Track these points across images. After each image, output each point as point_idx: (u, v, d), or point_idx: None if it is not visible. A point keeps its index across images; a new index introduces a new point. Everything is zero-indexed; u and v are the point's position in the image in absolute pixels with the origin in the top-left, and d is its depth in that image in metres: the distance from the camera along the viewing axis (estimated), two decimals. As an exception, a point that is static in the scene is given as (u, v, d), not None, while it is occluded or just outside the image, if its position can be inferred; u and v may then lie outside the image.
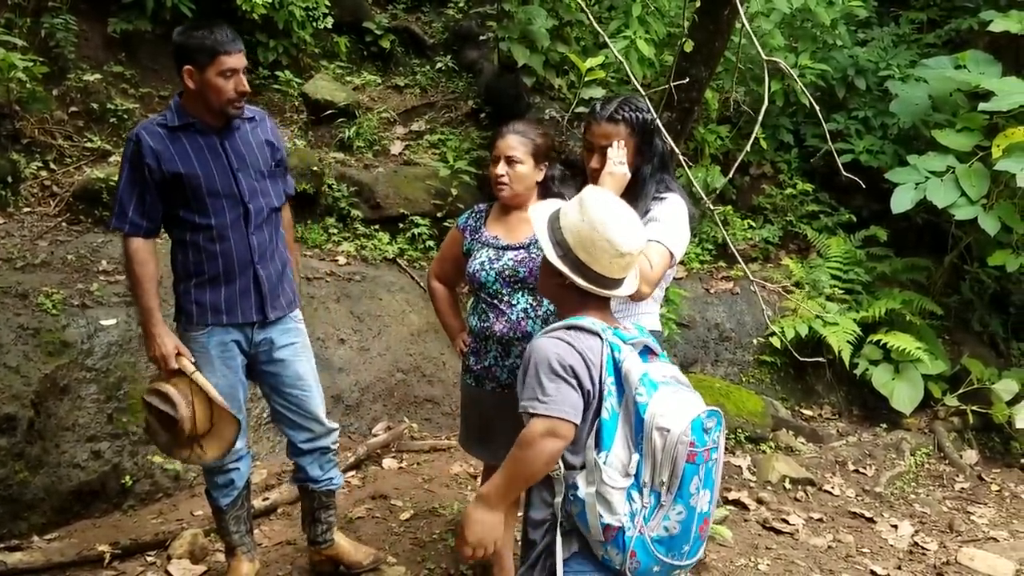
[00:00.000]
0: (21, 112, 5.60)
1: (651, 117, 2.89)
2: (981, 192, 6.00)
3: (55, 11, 5.88)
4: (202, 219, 3.11)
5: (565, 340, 2.15)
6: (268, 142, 3.28)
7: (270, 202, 3.26)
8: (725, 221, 7.02)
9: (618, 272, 2.26)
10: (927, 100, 6.80)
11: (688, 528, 2.10)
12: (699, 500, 2.10)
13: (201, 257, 3.15)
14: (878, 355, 6.31)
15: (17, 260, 4.65)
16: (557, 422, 2.09)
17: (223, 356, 3.23)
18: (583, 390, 2.12)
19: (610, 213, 2.23)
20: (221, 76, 3.00)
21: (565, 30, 6.66)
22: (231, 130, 3.17)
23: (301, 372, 3.38)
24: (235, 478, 3.38)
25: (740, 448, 5.57)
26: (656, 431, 2.05)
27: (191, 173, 3.06)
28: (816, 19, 7.10)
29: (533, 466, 2.14)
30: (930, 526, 5.02)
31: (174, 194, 3.08)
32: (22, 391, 3.83)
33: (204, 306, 3.18)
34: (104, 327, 4.20)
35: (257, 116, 3.30)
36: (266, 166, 3.25)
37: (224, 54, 2.98)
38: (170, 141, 3.06)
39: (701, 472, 2.08)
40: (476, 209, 3.42)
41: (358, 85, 7.43)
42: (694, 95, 5.03)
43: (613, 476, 2.09)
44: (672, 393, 2.11)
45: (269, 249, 3.27)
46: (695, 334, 6.36)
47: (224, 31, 3.00)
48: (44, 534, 3.85)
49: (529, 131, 3.21)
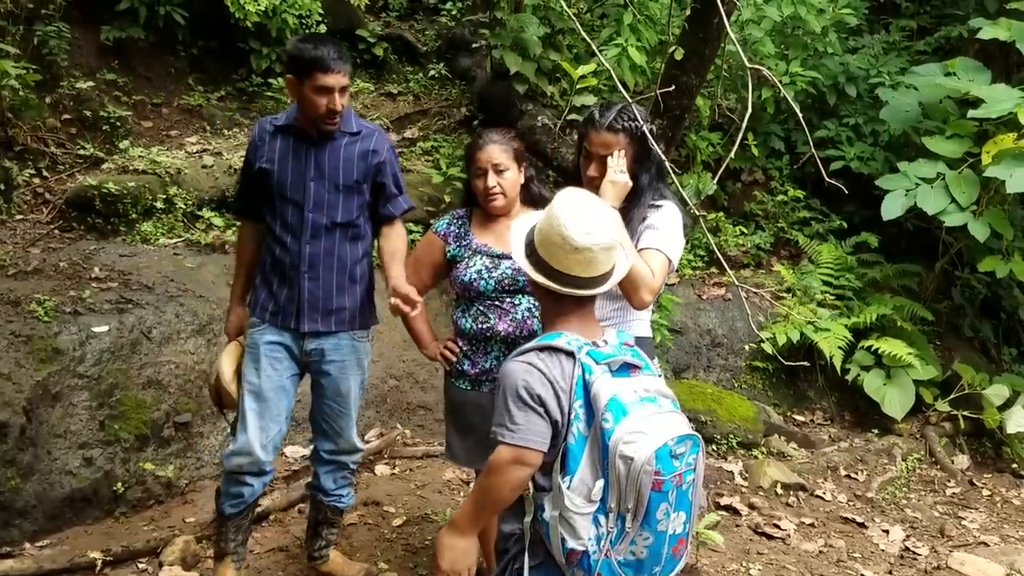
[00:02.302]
0: (14, 119, 5.60)
1: (649, 126, 2.91)
2: (971, 199, 6.03)
3: (48, 19, 5.89)
4: (271, 219, 3.28)
5: (536, 366, 2.10)
6: (364, 157, 3.27)
7: (333, 216, 3.25)
8: (717, 228, 7.05)
9: (579, 269, 2.18)
10: (917, 107, 6.85)
11: (657, 552, 2.08)
12: (669, 524, 2.07)
13: (267, 255, 3.32)
14: (869, 361, 6.33)
15: (9, 267, 4.65)
16: (524, 451, 2.06)
17: (270, 356, 3.28)
18: (551, 419, 2.09)
19: (571, 209, 2.17)
20: (315, 91, 3.09)
21: (557, 38, 6.69)
22: (325, 140, 3.23)
23: (343, 390, 3.39)
24: (246, 493, 3.34)
25: (732, 454, 5.59)
26: (620, 459, 2.01)
27: (270, 171, 3.24)
28: (807, 27, 7.15)
29: (501, 493, 2.12)
30: (921, 531, 5.04)
31: (263, 188, 3.28)
32: (14, 398, 3.82)
33: (259, 302, 3.32)
34: (96, 334, 4.20)
35: (365, 131, 3.32)
36: (347, 180, 3.26)
37: (321, 71, 3.06)
38: (270, 138, 3.26)
39: (671, 497, 2.05)
40: (456, 214, 3.38)
41: (352, 92, 7.45)
42: (685, 102, 5.07)
43: (576, 501, 2.07)
44: (644, 418, 2.05)
45: (324, 263, 3.27)
46: (687, 340, 6.37)
47: (329, 48, 3.08)
48: (36, 541, 3.84)
49: (504, 137, 3.22)
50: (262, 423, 3.26)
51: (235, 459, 3.28)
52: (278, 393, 3.29)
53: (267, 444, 3.29)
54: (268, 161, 3.24)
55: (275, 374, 3.28)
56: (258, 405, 3.26)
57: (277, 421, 3.30)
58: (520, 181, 3.23)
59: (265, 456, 3.28)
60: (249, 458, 3.27)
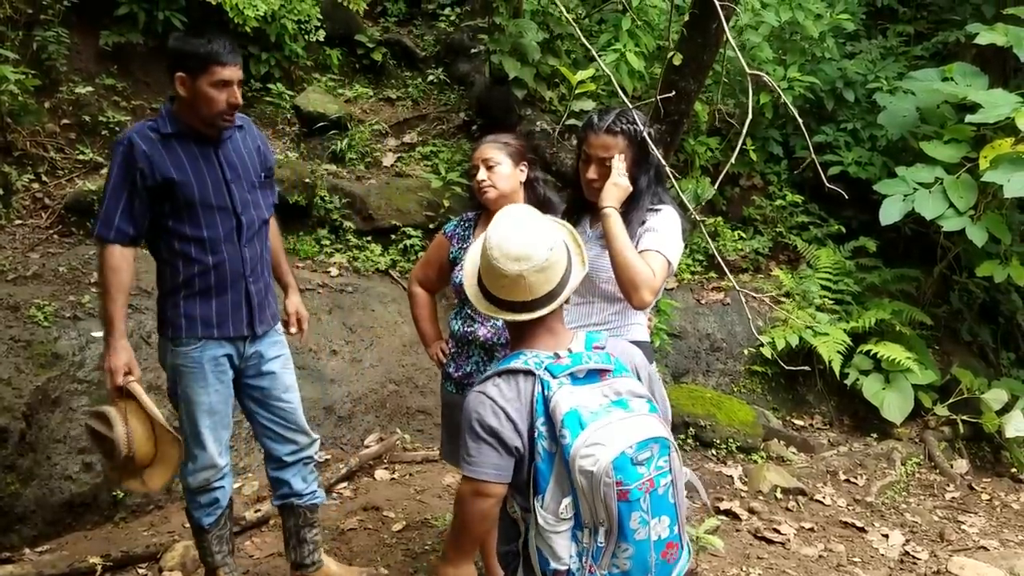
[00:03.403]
0: (13, 124, 5.60)
1: (648, 131, 2.92)
2: (969, 203, 6.05)
3: (47, 24, 5.89)
4: (194, 230, 3.04)
5: (488, 395, 2.06)
6: (258, 149, 3.24)
7: (261, 214, 3.22)
8: (715, 232, 7.06)
9: (517, 294, 2.10)
10: (915, 112, 6.86)
11: (643, 561, 2.03)
12: (650, 531, 2.02)
13: (193, 269, 3.07)
14: (868, 365, 6.34)
15: (9, 272, 4.65)
16: (479, 483, 2.05)
17: (216, 371, 3.17)
18: (508, 447, 2.04)
19: (500, 235, 2.10)
20: (214, 87, 2.93)
21: (556, 43, 6.70)
22: (223, 139, 3.11)
23: (288, 384, 3.36)
24: (219, 496, 3.30)
25: (731, 458, 5.59)
26: (580, 473, 1.96)
27: (184, 181, 2.98)
28: (804, 32, 7.17)
29: (471, 524, 2.10)
30: (921, 535, 5.04)
31: (164, 202, 3.00)
32: (13, 403, 3.83)
33: (195, 319, 3.09)
34: (96, 339, 4.20)
35: (245, 123, 3.24)
36: (257, 176, 3.20)
37: (218, 64, 2.91)
38: (163, 147, 2.98)
39: (644, 504, 1.99)
40: (464, 217, 3.42)
41: (350, 98, 7.46)
42: (683, 107, 5.08)
43: (548, 519, 2.03)
44: (603, 427, 1.98)
45: (260, 263, 3.24)
46: (686, 344, 6.38)
47: (223, 42, 2.94)
48: (35, 546, 3.84)
49: (500, 136, 3.26)
50: (216, 434, 3.22)
51: (200, 475, 3.23)
52: (226, 404, 3.24)
53: (223, 450, 3.26)
54: (178, 171, 2.97)
55: (222, 387, 3.20)
56: (211, 420, 3.19)
57: (226, 427, 3.27)
58: (519, 177, 3.23)
59: (224, 461, 3.26)
60: (213, 470, 3.24)
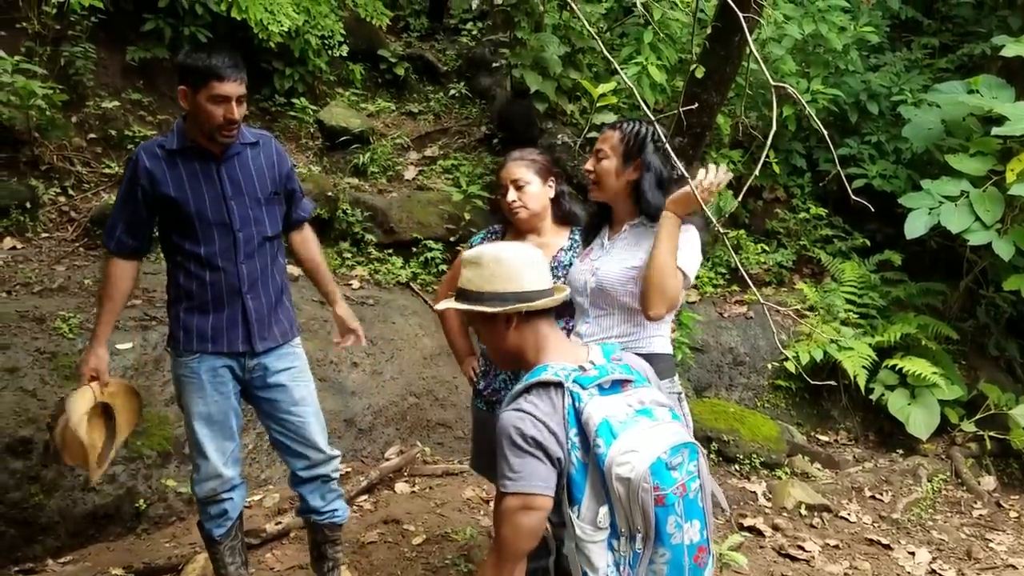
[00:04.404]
0: (40, 139, 5.68)
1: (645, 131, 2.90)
2: (995, 217, 5.98)
3: (74, 40, 5.97)
4: (192, 246, 3.08)
5: (524, 410, 2.08)
6: (272, 166, 3.23)
7: (263, 231, 3.19)
8: (738, 245, 7.02)
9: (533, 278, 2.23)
10: (940, 125, 6.81)
11: (679, 565, 2.06)
12: (683, 535, 2.05)
13: (191, 283, 3.11)
14: (894, 380, 6.27)
15: (35, 284, 4.70)
16: (528, 497, 2.04)
17: (214, 382, 3.18)
18: (551, 458, 2.06)
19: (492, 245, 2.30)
20: (211, 101, 2.94)
21: (577, 57, 6.72)
22: (230, 156, 3.11)
23: (298, 397, 3.31)
24: (228, 508, 3.30)
25: (755, 474, 5.53)
26: (617, 481, 2.01)
27: (182, 198, 3.03)
28: (828, 45, 7.14)
29: (517, 543, 2.08)
30: (948, 553, 4.96)
31: (166, 217, 3.08)
32: (38, 414, 3.85)
33: (191, 332, 3.13)
34: (120, 351, 4.23)
35: (262, 140, 3.24)
36: (264, 193, 3.19)
37: (216, 79, 2.92)
38: (167, 164, 3.03)
39: (678, 508, 2.04)
40: (491, 230, 3.43)
41: (372, 112, 7.51)
42: (705, 120, 5.07)
43: (586, 530, 2.06)
44: (636, 434, 2.04)
45: (261, 279, 3.21)
46: (709, 358, 6.33)
47: (223, 57, 2.94)
48: (58, 557, 3.86)
49: (527, 153, 3.28)
50: (218, 444, 3.22)
51: (206, 485, 3.24)
52: (227, 414, 3.23)
53: (227, 461, 3.25)
54: (176, 188, 3.02)
55: (221, 397, 3.20)
56: (210, 429, 3.20)
57: (231, 438, 3.26)
58: (548, 194, 3.24)
59: (231, 472, 3.26)
60: (218, 479, 3.24)
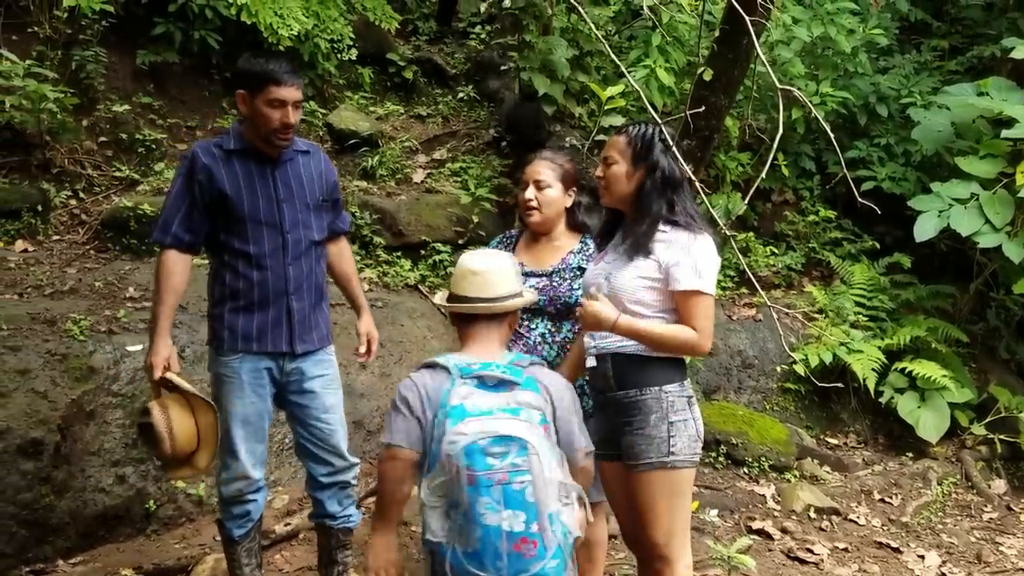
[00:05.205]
0: (52, 142, 5.71)
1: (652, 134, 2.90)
2: (1005, 219, 5.96)
3: (85, 44, 6.01)
4: (241, 245, 3.16)
5: (412, 378, 2.45)
6: (321, 175, 3.33)
7: (310, 235, 3.27)
8: (747, 248, 7.00)
9: (473, 290, 2.51)
10: (949, 127, 6.79)
11: (491, 545, 2.26)
12: (500, 519, 2.25)
13: (238, 283, 3.18)
14: (903, 383, 6.25)
15: (46, 287, 4.73)
16: (390, 447, 2.41)
17: (254, 383, 3.23)
18: (414, 414, 2.39)
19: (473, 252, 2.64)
20: (269, 105, 3.06)
21: (586, 60, 6.72)
22: (284, 160, 3.22)
23: (328, 405, 3.36)
24: (251, 509, 3.34)
25: (764, 476, 5.52)
26: (445, 457, 2.29)
27: (236, 196, 3.12)
28: (837, 47, 7.12)
29: (384, 486, 2.48)
30: (958, 557, 4.94)
31: (218, 215, 3.15)
32: (49, 416, 3.87)
33: (236, 332, 3.19)
34: (130, 353, 4.25)
35: (312, 149, 3.36)
36: (313, 199, 3.28)
37: (274, 84, 3.04)
38: (223, 162, 3.14)
39: (495, 494, 2.25)
40: (507, 234, 3.45)
41: (381, 115, 7.53)
42: (714, 122, 5.07)
43: (429, 496, 2.35)
44: (478, 423, 2.29)
45: (306, 282, 3.28)
46: (717, 361, 6.32)
47: (281, 62, 3.09)
48: (69, 558, 3.88)
49: (557, 157, 3.26)
50: (250, 446, 3.26)
51: (233, 485, 3.28)
52: (262, 416, 3.28)
53: (257, 463, 3.30)
54: (232, 187, 3.12)
55: (259, 399, 3.25)
56: (245, 431, 3.24)
57: (262, 440, 3.31)
58: (565, 203, 3.24)
59: (258, 474, 3.30)
60: (246, 481, 3.28)
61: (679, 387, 2.86)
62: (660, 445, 2.79)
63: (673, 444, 2.80)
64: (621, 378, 2.86)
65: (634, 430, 2.83)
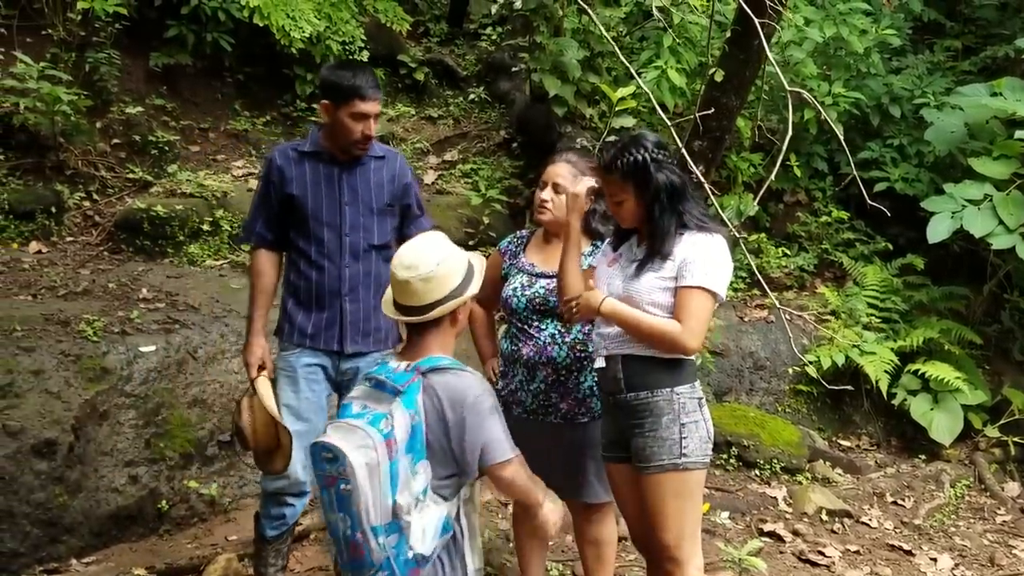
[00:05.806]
0: (65, 144, 5.75)
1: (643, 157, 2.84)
2: (1019, 220, 5.93)
3: (99, 46, 6.05)
4: (304, 243, 3.28)
5: None
6: (393, 179, 3.37)
7: (370, 238, 3.32)
8: (759, 249, 6.98)
9: (403, 299, 2.43)
10: (963, 128, 6.75)
11: (338, 542, 2.34)
12: (336, 519, 2.31)
13: (299, 280, 3.31)
14: (916, 385, 6.22)
15: (60, 288, 4.76)
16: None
17: (308, 379, 3.31)
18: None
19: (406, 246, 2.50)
20: (352, 118, 3.15)
21: (596, 61, 6.71)
22: (355, 165, 3.29)
23: None
24: (288, 513, 3.37)
25: (776, 479, 5.50)
26: None
27: (302, 196, 3.25)
28: (849, 47, 7.09)
29: None
30: (971, 559, 4.91)
31: (289, 214, 3.28)
32: (63, 416, 3.90)
33: (295, 327, 3.31)
34: (143, 354, 4.27)
35: (388, 155, 3.43)
36: (379, 204, 3.34)
37: (360, 98, 3.14)
38: (295, 164, 3.28)
39: (330, 494, 2.30)
40: (519, 235, 3.45)
41: (393, 116, 7.55)
42: (725, 123, 5.05)
43: None
44: (330, 425, 2.38)
45: (363, 284, 3.32)
46: (729, 363, 6.30)
47: (367, 77, 3.20)
48: (82, 557, 3.90)
49: (580, 162, 3.25)
50: (302, 443, 3.25)
51: (276, 482, 3.30)
52: (316, 414, 3.32)
53: (306, 464, 3.26)
54: (299, 187, 3.25)
55: (313, 395, 3.32)
56: (298, 427, 3.25)
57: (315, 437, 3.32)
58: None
59: (305, 476, 3.30)
60: (288, 481, 3.29)
61: (690, 388, 2.86)
62: (672, 447, 2.79)
63: (685, 446, 2.80)
64: (631, 380, 2.85)
65: (645, 432, 2.82)
